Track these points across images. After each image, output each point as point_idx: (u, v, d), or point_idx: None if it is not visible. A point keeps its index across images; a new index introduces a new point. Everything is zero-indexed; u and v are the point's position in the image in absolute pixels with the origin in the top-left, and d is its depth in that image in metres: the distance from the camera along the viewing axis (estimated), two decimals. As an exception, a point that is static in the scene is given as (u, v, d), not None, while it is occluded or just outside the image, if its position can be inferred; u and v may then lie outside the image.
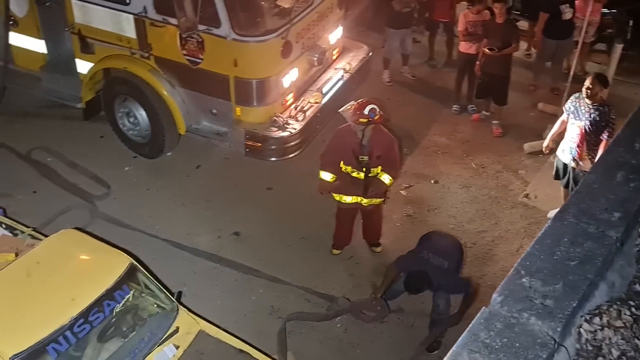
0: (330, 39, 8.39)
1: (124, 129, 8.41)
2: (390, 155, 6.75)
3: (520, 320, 2.08)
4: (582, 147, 7.11)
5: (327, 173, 6.78)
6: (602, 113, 6.92)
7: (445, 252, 6.27)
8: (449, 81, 10.45)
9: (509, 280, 2.21)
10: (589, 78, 6.97)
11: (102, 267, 5.48)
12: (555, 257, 2.30)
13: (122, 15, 7.60)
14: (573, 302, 2.14)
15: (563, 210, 2.51)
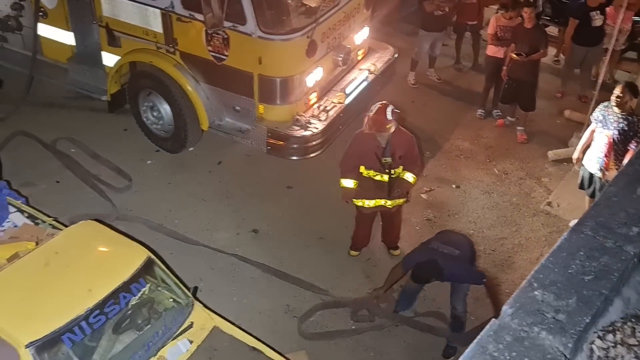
0: (355, 39, 8.36)
1: (147, 122, 8.46)
2: (412, 153, 6.71)
3: (531, 334, 2.03)
4: (610, 157, 7.01)
5: (348, 180, 6.73)
6: (631, 123, 6.81)
7: (455, 242, 6.17)
8: (475, 85, 10.38)
9: (521, 292, 2.16)
10: (619, 87, 6.86)
11: (119, 259, 5.52)
12: (570, 271, 2.25)
13: (149, 9, 7.64)
14: (586, 318, 2.09)
15: (580, 223, 2.46)
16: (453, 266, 5.86)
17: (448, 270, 5.82)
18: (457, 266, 5.92)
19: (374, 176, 6.64)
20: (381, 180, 6.65)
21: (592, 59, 9.95)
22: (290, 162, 8.02)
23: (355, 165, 6.67)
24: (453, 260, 5.89)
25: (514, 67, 8.79)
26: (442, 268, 5.78)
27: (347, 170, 6.72)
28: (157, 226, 7.44)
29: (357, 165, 6.66)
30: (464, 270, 6.01)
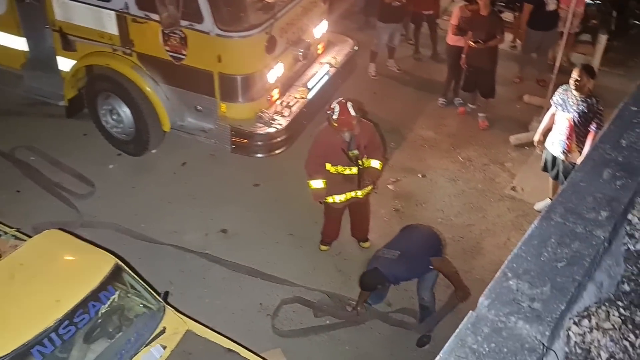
0: (314, 33, 8.33)
1: (107, 126, 8.32)
2: (374, 140, 6.74)
3: (508, 324, 2.04)
4: (572, 139, 7.11)
5: (317, 181, 6.69)
6: (590, 105, 6.92)
7: (399, 242, 6.21)
8: (435, 74, 10.45)
9: (496, 283, 2.17)
10: (576, 70, 6.95)
11: (86, 267, 5.42)
12: (543, 259, 2.26)
13: (104, 11, 7.50)
14: (561, 305, 2.10)
15: (550, 210, 2.47)
16: (395, 269, 5.93)
17: (392, 275, 5.92)
18: (398, 268, 5.95)
19: (342, 171, 6.61)
20: (351, 174, 6.64)
21: (547, 43, 10.09)
22: (255, 160, 7.96)
23: (321, 165, 6.63)
24: (393, 264, 5.94)
25: (473, 55, 8.86)
26: (385, 274, 5.87)
27: (314, 171, 6.67)
28: (125, 230, 7.32)
29: (322, 164, 6.62)
30: (405, 270, 6.00)
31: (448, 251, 7.36)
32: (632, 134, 2.89)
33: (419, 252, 6.14)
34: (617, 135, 2.87)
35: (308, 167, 6.71)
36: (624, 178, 2.64)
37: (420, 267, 6.09)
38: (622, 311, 2.33)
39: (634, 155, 2.78)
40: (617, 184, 2.61)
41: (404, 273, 6.03)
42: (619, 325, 2.26)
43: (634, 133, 2.90)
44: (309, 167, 6.70)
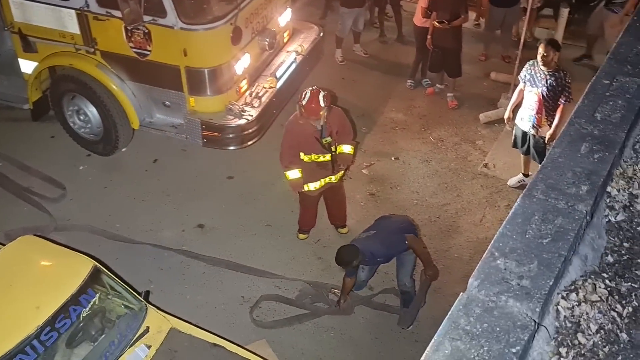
0: (279, 21, 8.27)
1: (74, 127, 8.18)
2: (344, 126, 6.75)
3: (499, 303, 2.06)
4: (541, 113, 7.19)
5: (293, 171, 6.66)
6: (558, 78, 6.99)
7: (375, 225, 6.31)
8: (401, 56, 10.47)
9: (484, 263, 2.19)
10: (542, 45, 7.01)
11: (64, 272, 5.36)
12: (528, 236, 2.29)
13: (63, 10, 7.35)
14: (549, 281, 2.13)
15: (531, 187, 2.50)
16: (371, 245, 5.97)
17: (368, 251, 5.94)
18: (374, 243, 6.00)
19: (316, 159, 6.62)
20: (324, 160, 6.65)
21: (511, 19, 10.16)
22: (228, 153, 7.91)
23: (295, 155, 6.61)
24: (369, 240, 6.01)
25: (438, 35, 8.88)
26: (362, 250, 5.89)
27: (289, 162, 6.65)
28: (99, 231, 7.24)
29: (296, 154, 6.61)
30: (380, 245, 6.05)
31: (425, 232, 7.43)
32: (606, 107, 2.93)
33: (393, 230, 6.21)
34: (592, 109, 2.91)
35: (282, 158, 6.69)
36: (601, 151, 2.67)
37: (395, 243, 6.11)
38: (607, 282, 2.37)
39: (609, 127, 2.82)
40: (595, 157, 2.64)
41: (380, 249, 6.04)
42: (606, 297, 2.30)
43: (608, 106, 2.94)
44: (284, 159, 6.68)
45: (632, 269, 2.48)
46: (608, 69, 3.20)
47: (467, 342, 1.97)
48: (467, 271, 6.96)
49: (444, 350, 1.96)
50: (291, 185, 6.81)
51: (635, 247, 2.56)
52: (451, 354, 1.95)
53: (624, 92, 3.04)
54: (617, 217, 2.65)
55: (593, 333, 2.21)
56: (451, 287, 6.84)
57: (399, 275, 6.39)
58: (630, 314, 2.31)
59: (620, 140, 2.78)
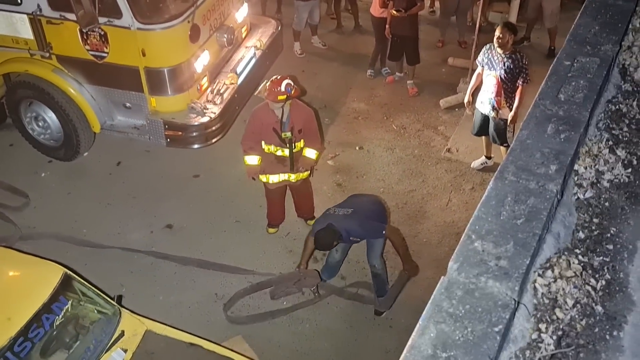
0: (237, 17, 8.23)
1: (34, 134, 8.04)
2: (311, 127, 6.71)
3: (479, 284, 2.11)
4: (500, 96, 7.31)
5: (252, 156, 6.68)
6: (515, 60, 7.11)
7: (351, 202, 6.30)
8: (359, 46, 10.52)
9: (462, 246, 2.24)
10: (498, 28, 7.11)
11: (35, 281, 5.30)
12: (502, 218, 2.35)
13: (15, 16, 7.21)
14: (526, 260, 2.19)
15: (502, 170, 2.56)
16: (348, 224, 5.96)
17: (344, 229, 5.91)
18: (351, 223, 6.00)
19: (275, 151, 6.62)
20: (282, 155, 6.64)
21: (465, 5, 10.29)
22: (192, 151, 7.86)
23: (256, 142, 6.61)
24: (346, 219, 6.00)
25: (396, 24, 8.95)
26: (338, 230, 5.88)
27: (249, 147, 6.66)
28: (66, 238, 7.14)
29: (258, 141, 6.61)
30: (358, 226, 6.05)
31: (393, 218, 7.51)
32: (569, 88, 3.01)
33: (371, 215, 6.23)
34: (555, 91, 2.98)
35: (244, 141, 6.70)
36: (567, 131, 2.75)
37: (373, 230, 6.15)
38: (580, 258, 2.44)
39: (573, 107, 2.90)
40: (562, 137, 2.72)
41: (357, 229, 6.04)
42: (580, 272, 2.37)
43: (571, 87, 3.02)
44: (245, 143, 6.69)
45: (602, 244, 2.56)
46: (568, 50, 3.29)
47: (451, 324, 2.02)
48: (437, 255, 7.07)
49: (429, 334, 2.01)
50: (247, 170, 6.80)
51: (604, 222, 2.65)
52: (437, 336, 2.00)
53: (585, 72, 3.13)
54: (586, 194, 2.73)
55: (570, 307, 2.28)
56: (421, 271, 6.92)
57: (369, 257, 6.41)
58: (603, 287, 2.39)
59: (585, 120, 2.87)
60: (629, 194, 2.80)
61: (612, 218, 2.68)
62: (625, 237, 2.61)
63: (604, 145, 2.99)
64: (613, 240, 2.59)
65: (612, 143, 3.03)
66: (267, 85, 6.34)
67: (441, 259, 6.98)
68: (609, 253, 2.52)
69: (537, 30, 10.41)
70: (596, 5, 3.69)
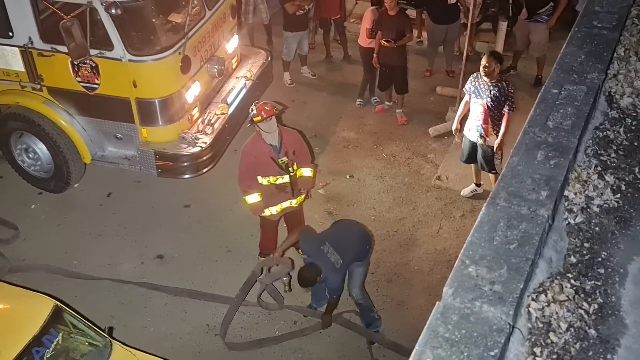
0: (227, 48, 8.32)
1: (24, 165, 8.04)
2: (302, 147, 6.73)
3: (474, 309, 2.14)
4: (487, 124, 7.39)
5: (253, 195, 6.56)
6: (501, 88, 7.21)
7: (345, 247, 6.15)
8: (348, 76, 10.63)
9: (456, 271, 2.26)
10: (484, 57, 7.23)
11: (25, 313, 5.27)
12: (495, 243, 2.38)
13: (6, 48, 7.27)
14: (519, 284, 2.22)
15: (494, 196, 2.60)
16: (332, 276, 5.97)
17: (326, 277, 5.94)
18: (335, 277, 6.01)
19: (275, 181, 6.55)
20: (283, 183, 6.60)
21: (452, 35, 10.44)
22: (183, 181, 7.89)
23: (252, 179, 6.53)
24: (331, 270, 5.96)
25: (385, 54, 9.08)
26: (323, 275, 5.89)
27: (247, 187, 6.55)
28: (56, 269, 7.09)
29: (254, 178, 6.53)
30: (339, 282, 6.10)
31: (384, 246, 7.54)
32: (557, 115, 3.07)
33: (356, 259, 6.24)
34: (544, 118, 3.04)
35: (241, 182, 6.59)
36: (557, 157, 2.80)
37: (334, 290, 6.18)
38: (573, 282, 2.47)
39: (562, 134, 2.95)
40: (551, 164, 2.77)
41: (337, 285, 6.09)
42: (573, 296, 2.40)
43: (559, 114, 3.08)
44: (242, 183, 6.58)
45: (594, 268, 2.59)
46: (556, 78, 3.36)
47: (447, 349, 2.04)
48: (429, 282, 7.08)
49: (426, 359, 2.02)
50: (251, 209, 6.71)
51: (595, 247, 2.69)
52: (433, 362, 2.01)
53: (573, 100, 3.19)
54: (576, 219, 2.77)
55: (564, 331, 2.31)
56: (414, 299, 6.95)
57: (349, 287, 6.41)
58: (596, 311, 2.42)
59: (574, 146, 2.92)
60: (619, 219, 2.85)
61: (603, 242, 2.72)
62: (616, 261, 2.65)
63: (593, 171, 3.05)
64: (604, 264, 2.62)
65: (600, 169, 3.08)
66: (255, 109, 6.33)
67: (433, 287, 6.99)
68: (601, 277, 2.56)
69: (523, 59, 10.56)
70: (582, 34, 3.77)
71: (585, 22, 3.92)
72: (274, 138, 6.42)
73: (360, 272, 6.35)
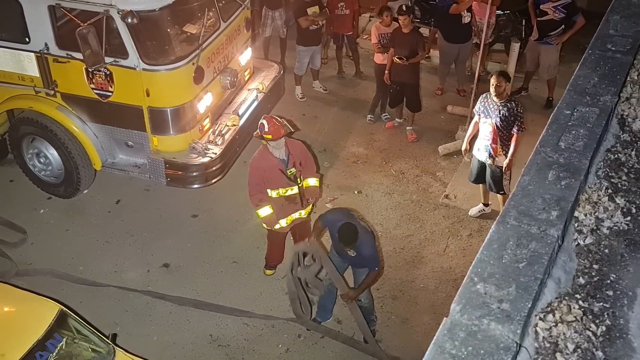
0: (240, 60, 8.37)
1: (35, 170, 8.10)
2: (307, 157, 6.80)
3: (481, 327, 2.13)
4: (497, 144, 7.39)
5: (265, 208, 6.60)
6: (511, 109, 7.22)
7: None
8: (360, 92, 10.66)
9: (464, 288, 2.26)
10: (494, 77, 7.24)
11: (30, 317, 5.29)
12: (504, 261, 2.38)
13: (23, 54, 7.34)
14: (527, 303, 2.22)
15: (504, 214, 2.60)
16: (366, 239, 5.95)
17: (361, 240, 5.87)
18: (368, 241, 6.00)
19: (284, 193, 6.59)
20: (293, 194, 6.64)
21: (464, 54, 10.46)
22: (192, 191, 7.91)
23: (263, 192, 6.57)
24: (367, 234, 6.00)
25: (397, 71, 9.10)
26: (359, 237, 5.83)
27: (259, 200, 6.58)
28: (62, 275, 7.11)
29: (264, 192, 6.57)
30: (370, 248, 6.04)
31: (390, 263, 7.52)
32: (569, 136, 3.07)
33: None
34: (556, 139, 3.05)
35: (252, 196, 6.62)
36: (568, 178, 2.80)
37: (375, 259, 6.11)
38: (581, 303, 2.46)
39: (573, 155, 2.96)
40: (562, 184, 2.77)
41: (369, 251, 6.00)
42: (581, 317, 2.39)
43: (571, 135, 3.08)
44: (253, 197, 6.61)
45: (602, 290, 2.58)
46: (568, 99, 3.37)
47: (454, 366, 2.03)
48: (434, 301, 7.06)
49: (432, 375, 2.02)
50: (265, 222, 6.74)
51: (604, 269, 2.68)
52: (439, 378, 2.01)
53: (585, 122, 3.20)
54: (586, 241, 2.77)
55: (571, 352, 2.30)
56: (418, 317, 6.92)
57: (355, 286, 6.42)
58: (604, 333, 2.41)
59: (585, 167, 2.92)
60: (629, 242, 2.84)
61: (612, 265, 2.71)
62: (625, 284, 2.64)
63: (604, 193, 3.04)
64: (613, 286, 2.62)
65: (611, 191, 3.08)
66: (268, 127, 6.35)
67: (438, 305, 6.96)
68: (609, 299, 2.55)
69: (535, 81, 10.56)
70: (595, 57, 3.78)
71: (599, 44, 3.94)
72: (281, 152, 6.49)
73: (363, 271, 6.32)
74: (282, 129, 6.37)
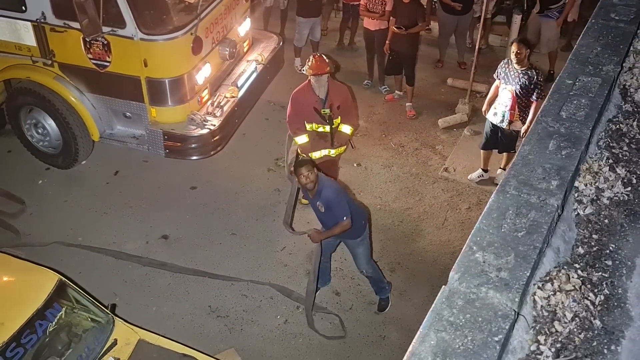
0: (239, 31, 8.29)
1: (33, 140, 8.04)
2: (348, 103, 7.13)
3: (480, 295, 2.13)
4: (514, 110, 7.39)
5: (302, 136, 7.01)
6: (531, 77, 7.19)
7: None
8: (360, 64, 10.58)
9: (463, 256, 2.26)
10: (514, 44, 7.20)
11: (29, 286, 5.29)
12: (503, 230, 2.37)
13: (19, 23, 7.25)
14: (526, 272, 2.22)
15: (504, 184, 2.59)
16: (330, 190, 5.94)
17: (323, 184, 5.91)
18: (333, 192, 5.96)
19: (316, 128, 6.97)
20: (324, 132, 6.99)
21: (463, 26, 10.36)
22: (190, 163, 7.89)
23: (300, 122, 6.97)
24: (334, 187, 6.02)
25: (396, 40, 9.03)
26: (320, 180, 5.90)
27: (297, 128, 7.02)
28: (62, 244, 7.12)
29: (302, 121, 6.97)
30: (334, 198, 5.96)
31: (389, 236, 7.53)
32: (571, 106, 3.05)
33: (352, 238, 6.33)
34: (557, 108, 3.02)
35: (290, 125, 7.08)
36: (569, 148, 2.79)
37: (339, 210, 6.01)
38: (580, 273, 2.46)
39: (574, 125, 2.93)
40: (563, 154, 2.75)
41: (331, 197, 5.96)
42: (579, 286, 2.39)
43: (572, 105, 3.06)
44: (291, 125, 7.07)
45: (601, 259, 2.58)
46: (570, 69, 3.33)
47: (451, 333, 2.03)
48: (431, 273, 7.08)
49: (429, 342, 2.01)
50: (301, 149, 7.13)
51: (603, 239, 2.67)
52: (437, 344, 2.01)
53: (587, 92, 3.17)
54: (586, 211, 2.76)
55: (569, 321, 2.30)
56: (416, 289, 6.95)
57: (358, 266, 6.56)
58: (602, 302, 2.41)
59: (586, 137, 2.90)
60: (628, 212, 2.83)
61: (612, 235, 2.71)
62: (624, 254, 2.63)
63: (604, 163, 3.03)
64: (612, 256, 2.61)
65: (612, 161, 3.06)
66: (313, 61, 6.75)
67: (436, 278, 6.98)
68: (608, 269, 2.54)
69: (536, 54, 10.48)
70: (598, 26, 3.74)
71: (603, 14, 3.89)
72: (322, 91, 6.86)
73: (361, 252, 6.40)
74: (326, 67, 6.75)
